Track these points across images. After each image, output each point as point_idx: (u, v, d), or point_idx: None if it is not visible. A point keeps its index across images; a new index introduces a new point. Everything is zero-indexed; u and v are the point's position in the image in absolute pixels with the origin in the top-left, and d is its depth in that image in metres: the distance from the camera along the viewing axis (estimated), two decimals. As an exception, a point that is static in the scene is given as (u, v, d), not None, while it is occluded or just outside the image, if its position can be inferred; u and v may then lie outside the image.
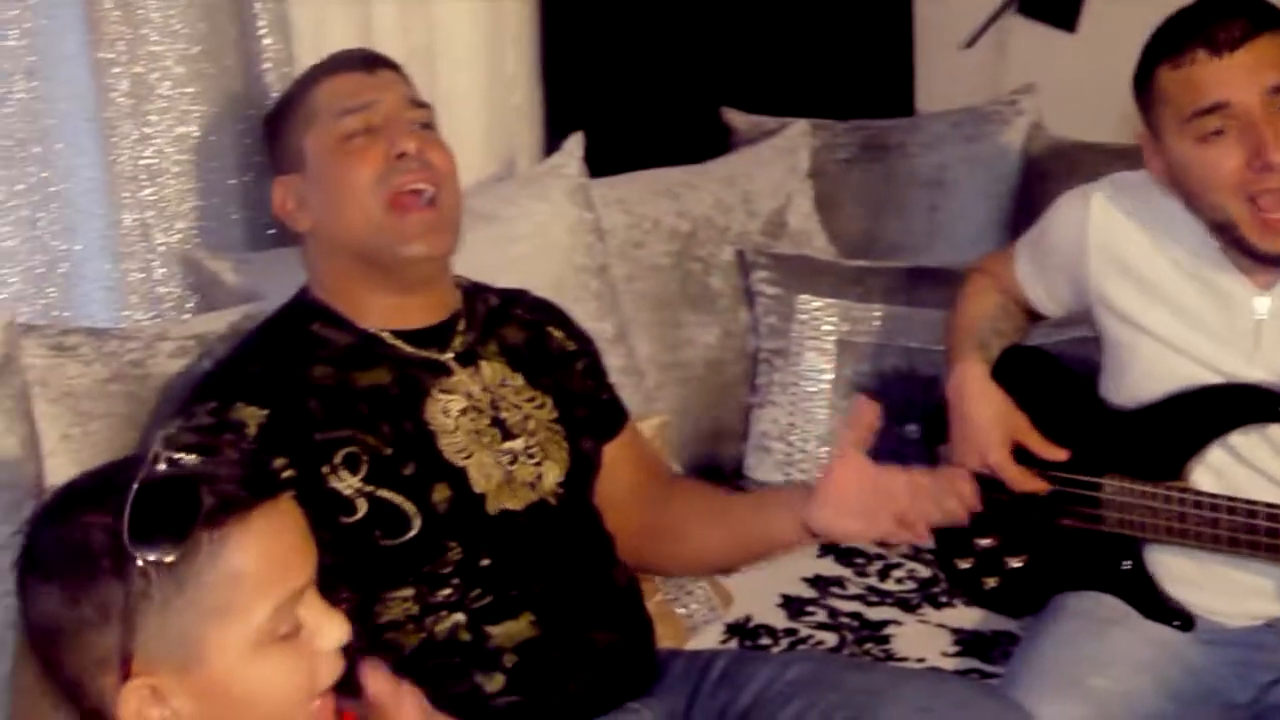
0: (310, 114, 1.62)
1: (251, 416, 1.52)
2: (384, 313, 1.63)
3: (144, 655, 1.10)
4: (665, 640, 1.82)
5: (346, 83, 1.64)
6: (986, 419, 1.90)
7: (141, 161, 2.00)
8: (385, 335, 1.62)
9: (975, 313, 2.02)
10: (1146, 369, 1.83)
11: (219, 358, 1.72)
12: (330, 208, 1.60)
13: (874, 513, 1.60)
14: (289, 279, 1.72)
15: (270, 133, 1.69)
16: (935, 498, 1.61)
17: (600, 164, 2.47)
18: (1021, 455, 1.90)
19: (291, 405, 1.54)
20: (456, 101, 2.38)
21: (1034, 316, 2.05)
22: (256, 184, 2.06)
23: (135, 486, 1.09)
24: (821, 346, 2.48)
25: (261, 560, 1.12)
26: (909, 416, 2.41)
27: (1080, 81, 2.82)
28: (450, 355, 1.65)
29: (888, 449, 2.38)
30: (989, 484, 1.86)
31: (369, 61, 1.67)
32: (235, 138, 2.08)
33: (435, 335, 1.65)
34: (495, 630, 1.57)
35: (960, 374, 1.95)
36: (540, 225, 2.27)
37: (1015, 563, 1.97)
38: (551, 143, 2.54)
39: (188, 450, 1.12)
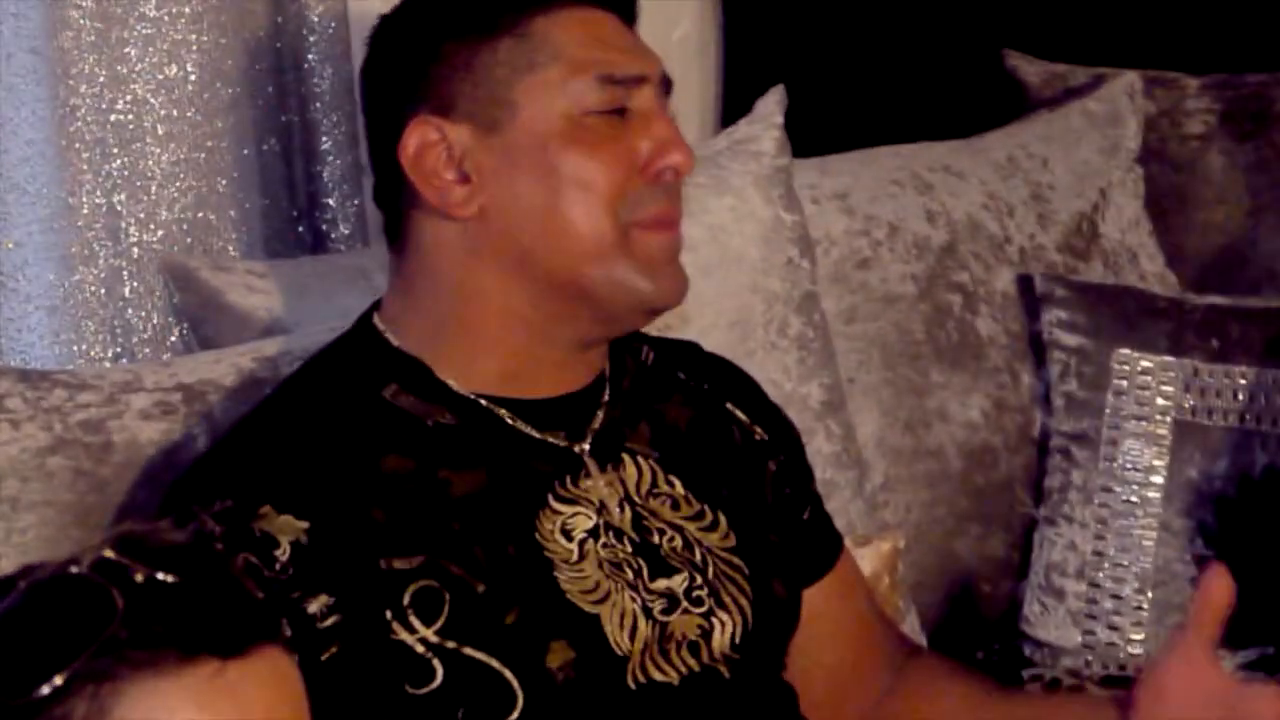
0: (539, 53, 1.63)
1: (286, 530, 1.54)
2: (499, 371, 1.65)
3: None
4: None
5: (603, 27, 1.65)
6: None
7: (110, 118, 2.07)
8: (494, 408, 1.64)
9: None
10: None
11: (227, 428, 1.75)
12: (541, 206, 1.61)
13: None
14: (333, 302, 1.75)
15: (420, 33, 1.67)
16: None
17: (808, 136, 2.48)
18: None
19: (347, 515, 1.56)
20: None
21: None
22: (284, 156, 2.11)
23: (22, 585, 1.13)
24: (1152, 431, 2.45)
25: None
26: (1290, 547, 2.38)
27: None
28: (584, 445, 1.67)
29: (1257, 593, 2.38)
30: None
31: (629, 3, 1.70)
32: (253, 84, 2.13)
33: (567, 410, 1.68)
34: None
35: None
36: (714, 231, 2.29)
37: None
38: (733, 100, 2.56)
39: (149, 559, 1.15)
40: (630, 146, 1.61)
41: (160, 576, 1.15)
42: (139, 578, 1.13)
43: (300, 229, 2.17)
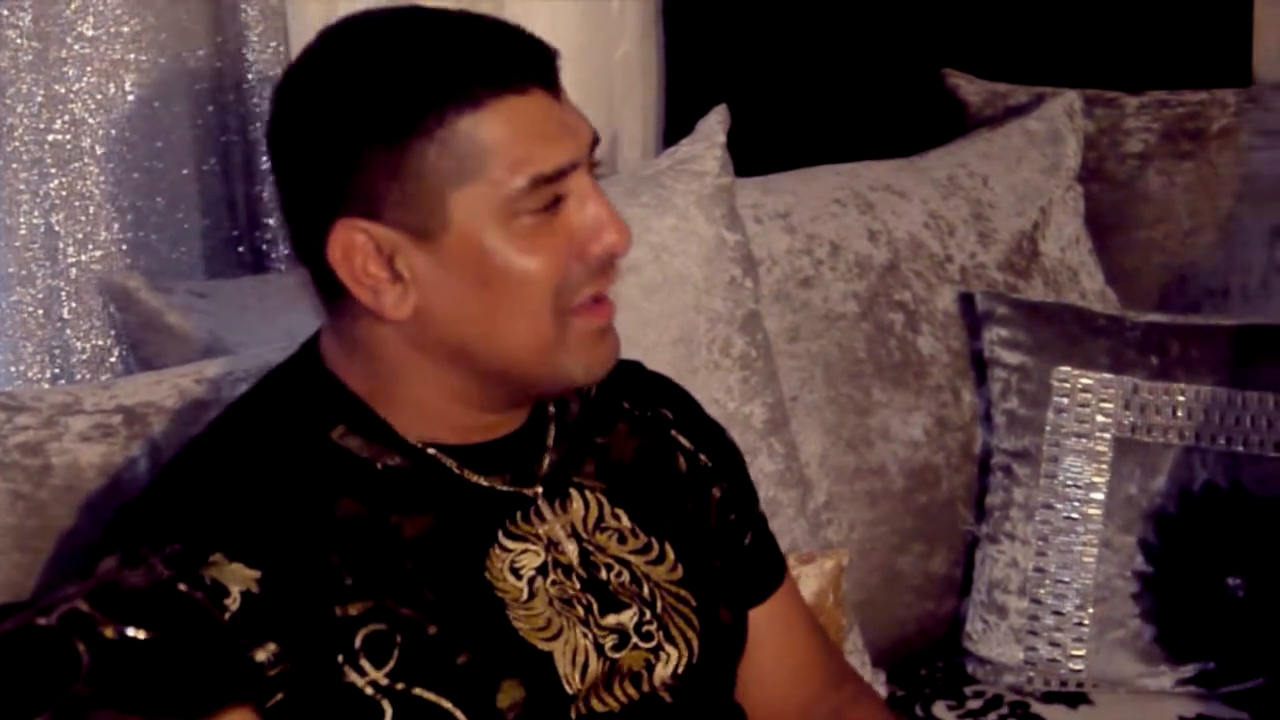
0: (467, 160, 1.58)
1: (237, 578, 1.52)
2: (442, 426, 1.64)
3: None
4: None
5: (529, 115, 1.58)
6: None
7: (48, 138, 2.05)
8: (440, 456, 1.63)
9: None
10: None
11: (172, 457, 1.71)
12: (480, 309, 1.59)
13: None
14: (274, 322, 1.74)
15: (340, 137, 1.63)
16: None
17: (750, 155, 2.49)
18: None
19: (301, 563, 1.55)
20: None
21: None
22: (224, 175, 2.10)
23: None
24: (1093, 448, 2.46)
25: None
26: (1231, 563, 2.38)
27: None
28: (533, 488, 1.66)
29: (1197, 608, 2.38)
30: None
31: (551, 67, 1.61)
32: (192, 103, 2.12)
33: (511, 452, 1.67)
34: None
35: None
36: (657, 251, 2.29)
37: None
38: (676, 119, 2.56)
39: (121, 614, 1.12)
40: (566, 233, 1.58)
41: (131, 633, 1.13)
42: (109, 633, 1.10)
43: (240, 248, 2.16)
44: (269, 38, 2.22)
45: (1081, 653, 2.41)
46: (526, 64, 1.56)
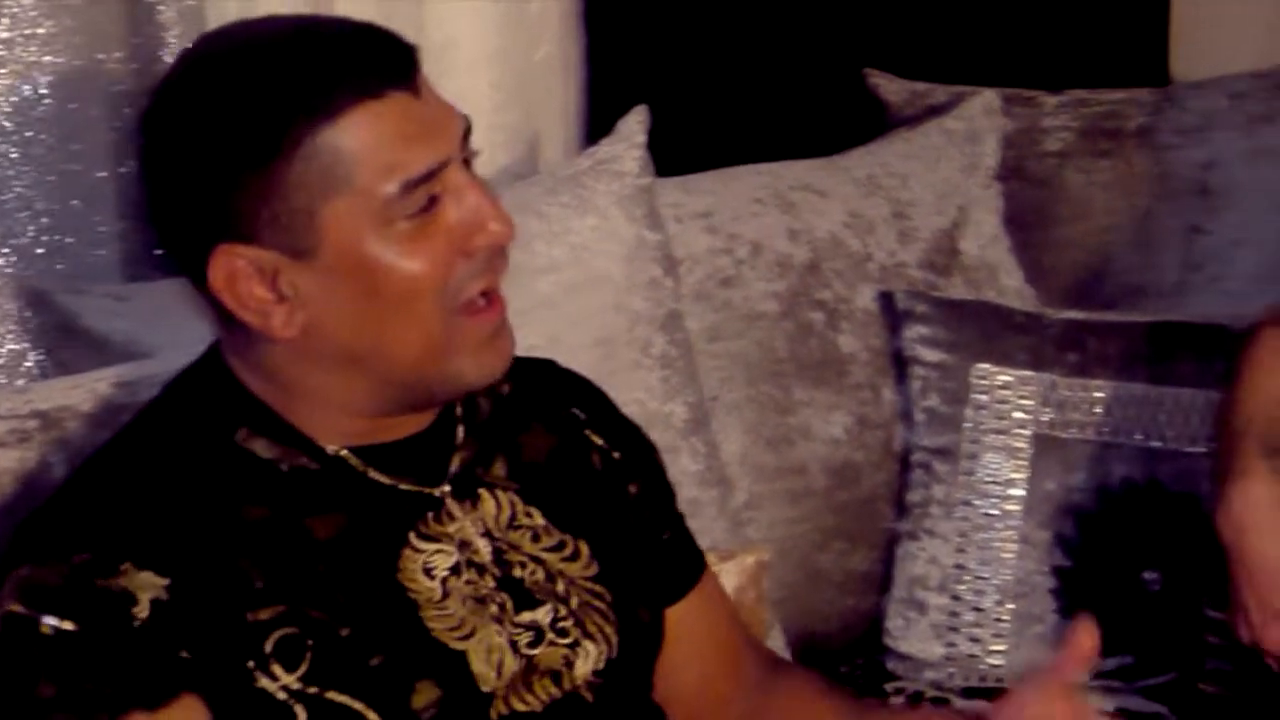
0: (333, 172, 1.56)
1: (146, 587, 1.51)
2: (343, 433, 1.64)
3: None
4: None
5: (392, 118, 1.55)
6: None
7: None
8: (347, 456, 1.63)
9: (1264, 396, 2.04)
10: None
11: (79, 466, 1.70)
12: (368, 318, 1.58)
13: None
14: (193, 325, 1.72)
15: (207, 167, 1.62)
16: None
17: (672, 155, 2.49)
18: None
19: (211, 569, 1.54)
20: (449, 53, 2.42)
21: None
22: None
23: None
24: (1011, 445, 2.47)
25: None
26: (1148, 557, 2.40)
27: None
28: (445, 485, 1.66)
29: (1115, 603, 2.39)
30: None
31: (409, 65, 1.59)
32: (108, 105, 2.11)
33: (418, 454, 1.66)
34: None
35: (1240, 498, 1.97)
36: (577, 251, 2.30)
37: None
38: (598, 120, 2.56)
39: (49, 606, 1.10)
40: (447, 232, 1.55)
41: (65, 627, 1.11)
42: (46, 630, 1.08)
43: (158, 252, 2.14)
44: (187, 39, 2.21)
45: (1002, 648, 2.42)
46: (382, 67, 1.54)
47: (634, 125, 2.39)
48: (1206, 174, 2.81)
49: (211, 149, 1.53)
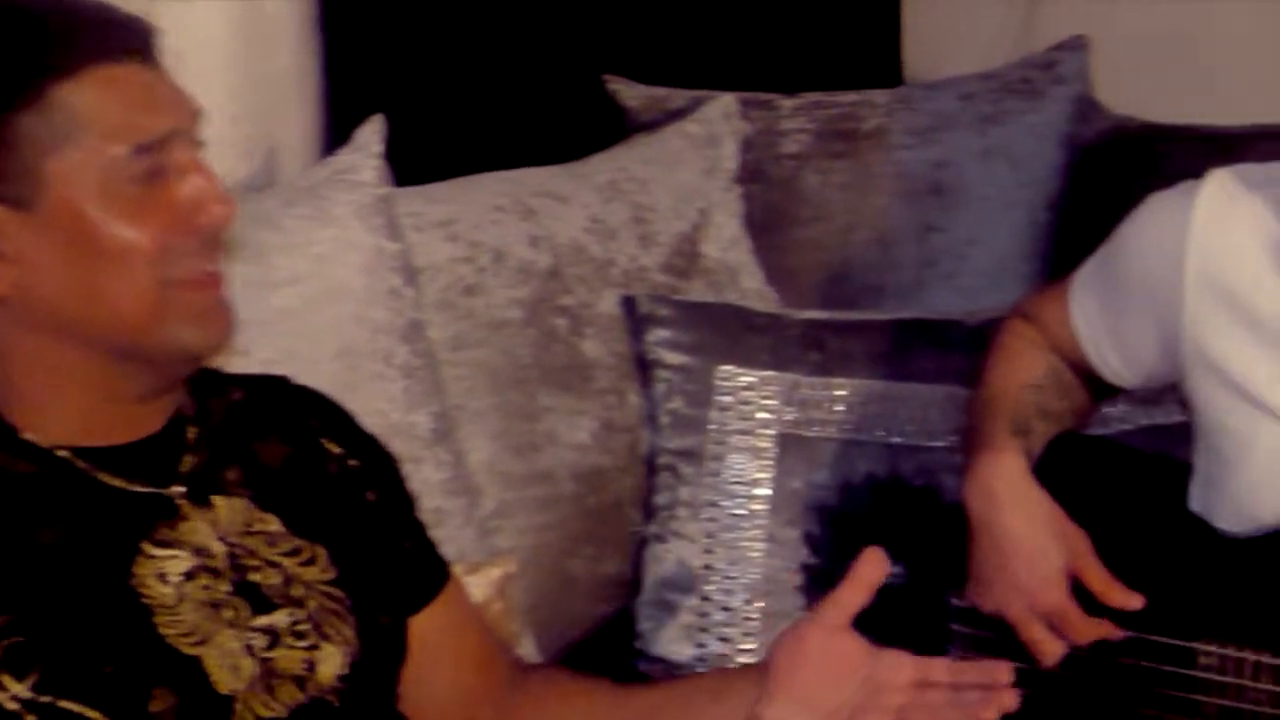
0: (64, 126, 1.58)
1: None
2: (72, 423, 1.62)
3: None
4: None
5: (128, 85, 1.59)
6: (1035, 539, 1.94)
7: None
8: (70, 458, 1.62)
9: (1013, 379, 2.05)
10: (1267, 472, 1.86)
11: None
12: (81, 279, 1.58)
13: (862, 715, 1.64)
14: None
15: None
16: (957, 700, 1.64)
17: (412, 164, 2.48)
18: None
19: None
20: (182, 60, 2.38)
21: (1099, 390, 2.09)
22: None
23: None
24: (756, 445, 2.50)
25: None
26: (893, 553, 2.43)
27: (1154, 33, 2.89)
28: (178, 488, 1.65)
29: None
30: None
31: (149, 43, 1.63)
32: None
33: (149, 456, 1.65)
34: None
35: (989, 470, 1.97)
36: (317, 262, 2.28)
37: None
38: (335, 130, 2.54)
39: None
40: (169, 204, 1.57)
41: None
42: None
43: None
44: None
45: (752, 646, 2.44)
46: (125, 35, 1.58)
47: (370, 135, 2.38)
48: (939, 173, 2.87)
49: None
